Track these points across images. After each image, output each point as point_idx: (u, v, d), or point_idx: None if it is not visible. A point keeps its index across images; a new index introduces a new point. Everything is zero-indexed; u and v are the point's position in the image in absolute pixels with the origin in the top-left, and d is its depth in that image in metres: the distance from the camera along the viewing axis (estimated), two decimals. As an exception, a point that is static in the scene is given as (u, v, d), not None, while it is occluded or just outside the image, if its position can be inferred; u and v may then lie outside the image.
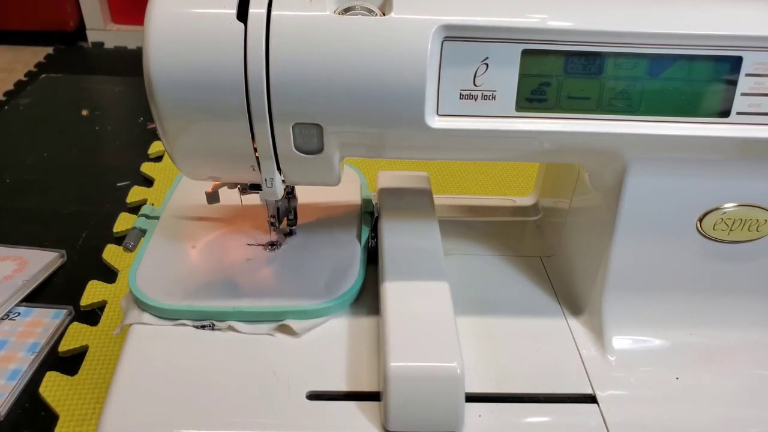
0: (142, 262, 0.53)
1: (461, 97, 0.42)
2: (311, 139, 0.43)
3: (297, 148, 0.43)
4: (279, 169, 0.45)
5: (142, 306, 0.49)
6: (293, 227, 0.57)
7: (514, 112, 0.43)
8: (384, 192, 0.60)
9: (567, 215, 0.58)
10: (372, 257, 0.55)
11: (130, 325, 0.49)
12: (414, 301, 0.47)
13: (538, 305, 0.54)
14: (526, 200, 0.68)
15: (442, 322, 0.45)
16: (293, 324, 0.48)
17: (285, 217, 0.57)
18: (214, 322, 0.49)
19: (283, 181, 0.46)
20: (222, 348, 0.48)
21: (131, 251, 0.54)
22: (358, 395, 0.45)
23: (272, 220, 0.55)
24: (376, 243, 0.56)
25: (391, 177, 0.63)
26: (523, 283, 0.57)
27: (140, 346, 0.47)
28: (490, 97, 0.42)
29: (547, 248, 0.61)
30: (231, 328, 0.49)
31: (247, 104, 0.40)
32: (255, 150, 0.43)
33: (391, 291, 0.48)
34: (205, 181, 0.50)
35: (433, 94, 0.42)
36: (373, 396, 0.45)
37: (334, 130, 0.42)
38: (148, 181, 0.90)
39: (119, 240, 0.77)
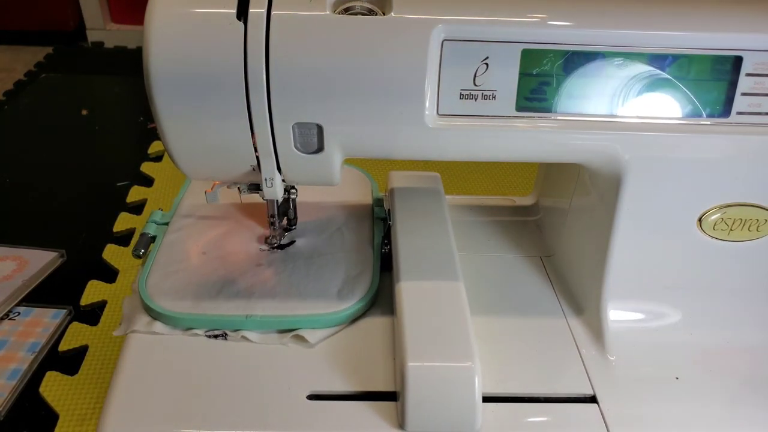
0: (152, 269, 0.52)
1: (461, 97, 0.42)
2: (311, 139, 0.43)
3: (297, 148, 0.43)
4: (279, 169, 0.45)
5: (153, 314, 0.49)
6: (293, 227, 0.57)
7: (514, 111, 0.43)
8: (396, 192, 0.60)
9: (567, 215, 0.58)
10: (385, 264, 0.55)
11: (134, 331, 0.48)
12: (429, 301, 0.47)
13: (538, 305, 0.54)
14: (526, 200, 0.68)
15: (457, 322, 0.45)
16: (307, 334, 0.48)
17: (285, 216, 0.57)
18: (227, 332, 0.48)
19: (283, 181, 0.46)
20: (224, 350, 0.48)
21: (141, 258, 0.53)
22: (365, 395, 0.45)
23: (272, 219, 0.55)
24: (389, 250, 0.55)
25: (402, 177, 0.62)
26: (523, 283, 0.57)
27: (141, 347, 0.47)
28: (490, 97, 0.42)
29: (547, 248, 0.61)
30: (244, 338, 0.48)
31: (247, 104, 0.40)
32: (255, 149, 0.43)
33: (407, 291, 0.48)
34: (207, 180, 0.50)
35: (433, 94, 0.42)
36: (382, 396, 0.45)
37: (334, 130, 0.42)
38: (148, 181, 0.90)
39: (119, 240, 0.77)
